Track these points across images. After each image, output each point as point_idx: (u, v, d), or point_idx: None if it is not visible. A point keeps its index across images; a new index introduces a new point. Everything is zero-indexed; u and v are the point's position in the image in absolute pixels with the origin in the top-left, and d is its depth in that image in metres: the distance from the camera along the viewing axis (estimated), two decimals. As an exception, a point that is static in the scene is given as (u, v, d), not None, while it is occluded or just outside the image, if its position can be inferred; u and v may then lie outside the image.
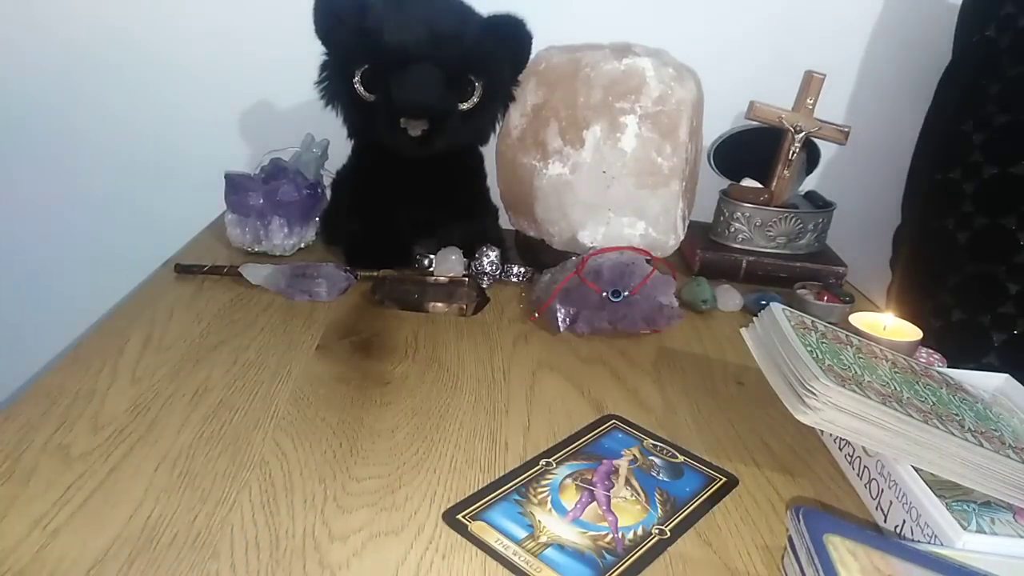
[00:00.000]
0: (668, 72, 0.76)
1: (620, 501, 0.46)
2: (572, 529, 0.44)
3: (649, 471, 0.50)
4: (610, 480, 0.48)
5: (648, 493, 0.47)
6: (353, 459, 0.49)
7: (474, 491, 0.47)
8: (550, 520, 0.44)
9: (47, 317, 1.11)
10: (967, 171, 0.83)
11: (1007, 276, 0.80)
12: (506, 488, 0.47)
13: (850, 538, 0.37)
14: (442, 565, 0.40)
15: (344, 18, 0.72)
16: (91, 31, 0.96)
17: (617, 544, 0.43)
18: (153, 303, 0.69)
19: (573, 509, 0.45)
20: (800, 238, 0.91)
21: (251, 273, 0.74)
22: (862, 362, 0.53)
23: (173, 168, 1.04)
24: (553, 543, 0.42)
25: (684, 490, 0.48)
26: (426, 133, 0.71)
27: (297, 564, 0.39)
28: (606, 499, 0.46)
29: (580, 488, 0.47)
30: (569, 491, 0.47)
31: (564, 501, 0.46)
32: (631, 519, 0.45)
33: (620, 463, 0.50)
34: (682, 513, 0.46)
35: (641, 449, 0.53)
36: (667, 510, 0.46)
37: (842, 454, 0.54)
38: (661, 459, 0.52)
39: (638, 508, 0.46)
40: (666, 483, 0.49)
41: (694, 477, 0.50)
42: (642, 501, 0.47)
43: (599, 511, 0.45)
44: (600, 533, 0.43)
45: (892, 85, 1.01)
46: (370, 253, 0.80)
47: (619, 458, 0.51)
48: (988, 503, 0.46)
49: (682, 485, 0.49)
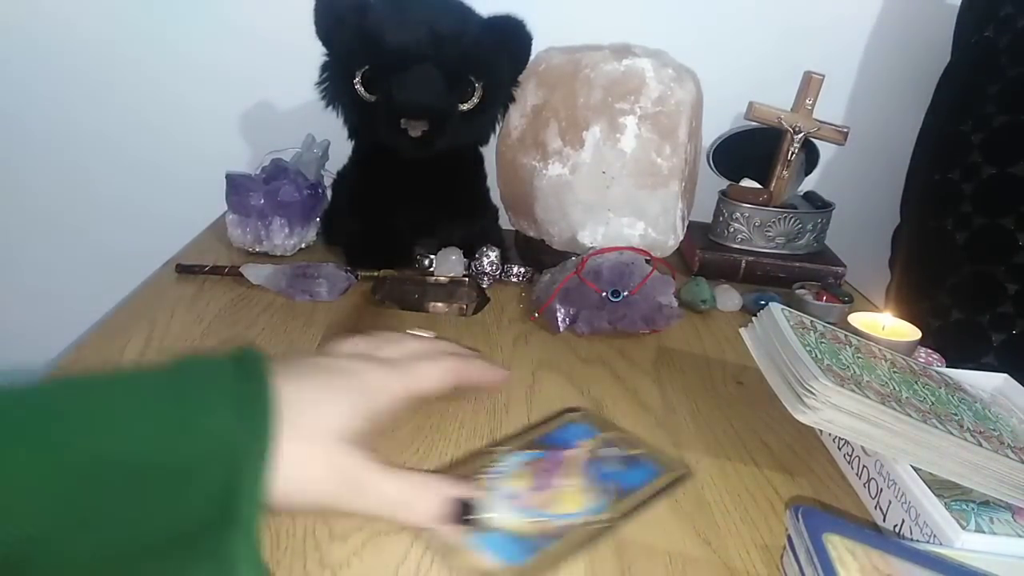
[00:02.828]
0: (668, 73, 0.76)
1: (566, 489, 0.46)
2: (512, 517, 0.43)
3: (601, 462, 0.49)
4: (559, 470, 0.48)
5: (597, 483, 0.47)
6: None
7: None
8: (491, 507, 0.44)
9: (48, 317, 1.11)
10: (966, 171, 0.83)
11: (1006, 276, 0.80)
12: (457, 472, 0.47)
13: (849, 537, 0.37)
14: (442, 564, 0.40)
15: (344, 18, 0.72)
16: (91, 31, 0.96)
17: (558, 528, 0.43)
18: (154, 303, 0.69)
19: (516, 497, 0.45)
20: (799, 238, 0.91)
21: (252, 273, 0.74)
22: (861, 362, 0.53)
23: (174, 168, 1.04)
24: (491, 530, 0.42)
25: (635, 480, 0.48)
26: (426, 134, 0.71)
27: (297, 563, 0.39)
28: (551, 488, 0.46)
29: (527, 476, 0.47)
30: (515, 479, 0.47)
31: (506, 488, 0.45)
32: (573, 506, 0.45)
33: (572, 454, 0.50)
34: (628, 501, 0.45)
35: (599, 441, 0.52)
36: (613, 499, 0.45)
37: (841, 454, 0.54)
38: (617, 452, 0.51)
39: (583, 497, 0.45)
40: (617, 473, 0.48)
41: (647, 469, 0.49)
42: (589, 490, 0.46)
43: (542, 497, 0.45)
44: (541, 520, 0.43)
45: (891, 85, 1.02)
46: (370, 253, 0.80)
47: (572, 449, 0.50)
48: (987, 503, 0.46)
49: (633, 476, 0.48)
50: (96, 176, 1.04)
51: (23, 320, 1.12)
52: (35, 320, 1.12)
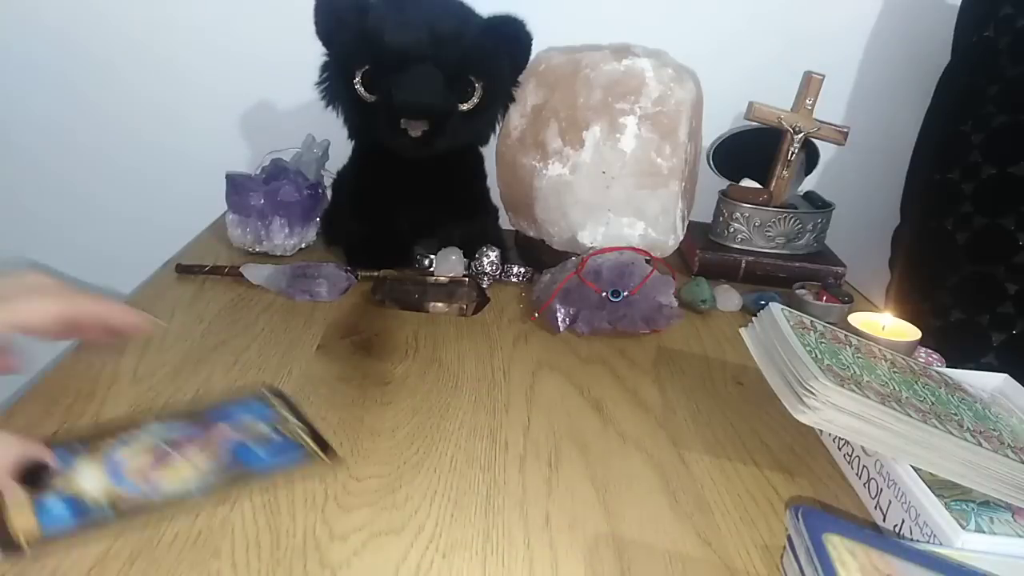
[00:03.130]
0: (668, 73, 0.76)
1: (181, 465, 0.45)
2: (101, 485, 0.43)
3: (249, 444, 0.48)
4: (194, 445, 0.47)
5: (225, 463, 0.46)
6: (353, 458, 0.49)
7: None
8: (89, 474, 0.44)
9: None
10: (966, 171, 0.83)
11: (1006, 276, 0.80)
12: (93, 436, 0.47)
13: (849, 537, 0.37)
14: (442, 564, 0.40)
15: (345, 19, 0.72)
16: (90, 32, 0.96)
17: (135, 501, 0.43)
18: (154, 303, 0.69)
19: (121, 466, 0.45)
20: (799, 238, 0.91)
21: (252, 273, 0.74)
22: (861, 362, 0.53)
23: (174, 169, 1.04)
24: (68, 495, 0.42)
25: (268, 466, 0.47)
26: (426, 134, 0.71)
27: (298, 563, 0.39)
28: (167, 462, 0.45)
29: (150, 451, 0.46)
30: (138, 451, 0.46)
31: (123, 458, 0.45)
32: (176, 483, 0.44)
33: (220, 431, 0.48)
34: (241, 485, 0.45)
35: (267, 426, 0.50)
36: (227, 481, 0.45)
37: (841, 453, 0.54)
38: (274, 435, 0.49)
39: (193, 475, 0.45)
40: (256, 458, 0.47)
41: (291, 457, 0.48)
42: (208, 470, 0.45)
43: (150, 472, 0.45)
44: (124, 490, 0.43)
45: (891, 85, 1.01)
46: (371, 253, 0.80)
47: (226, 425, 0.49)
48: (987, 502, 0.46)
49: (271, 462, 0.47)
50: (96, 176, 1.04)
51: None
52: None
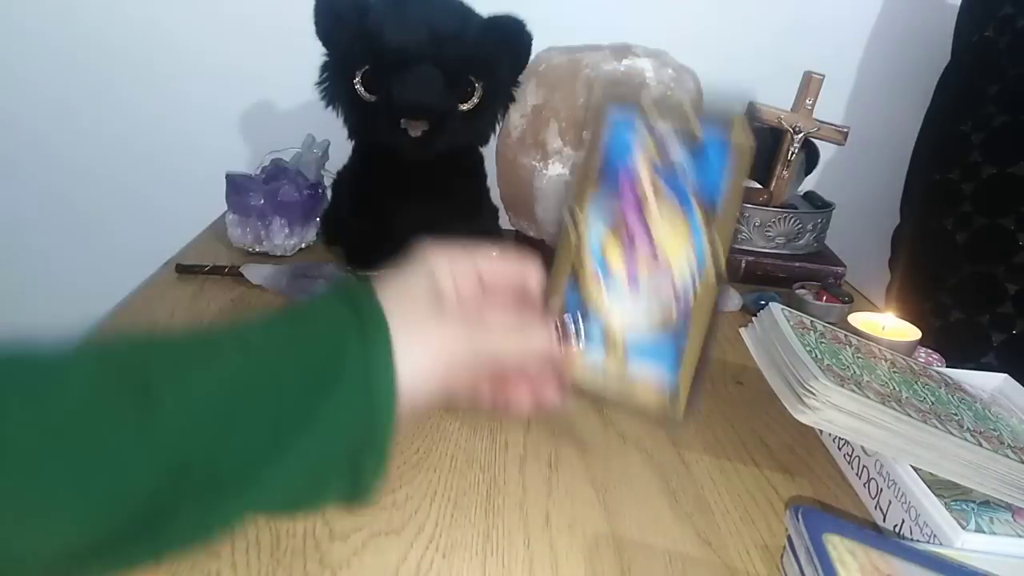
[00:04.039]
0: (668, 73, 0.76)
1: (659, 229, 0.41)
2: (635, 306, 0.41)
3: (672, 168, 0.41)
4: (638, 203, 0.42)
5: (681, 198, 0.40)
6: (354, 459, 0.49)
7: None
8: (614, 309, 0.42)
9: (48, 318, 1.11)
10: (966, 171, 0.83)
11: (1006, 276, 0.80)
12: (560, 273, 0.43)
13: (849, 537, 0.37)
14: (442, 565, 0.40)
15: (345, 18, 0.72)
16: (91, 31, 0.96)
17: (679, 298, 0.40)
18: (154, 303, 0.69)
19: (627, 278, 0.41)
20: (799, 238, 0.91)
21: (252, 273, 0.74)
22: (861, 362, 0.53)
23: (174, 169, 1.04)
24: (629, 345, 0.40)
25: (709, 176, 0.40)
26: (426, 134, 0.71)
27: (298, 563, 0.39)
28: (647, 239, 0.41)
29: (618, 237, 0.42)
30: (610, 248, 0.42)
31: (613, 269, 0.42)
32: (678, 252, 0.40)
33: (639, 171, 0.42)
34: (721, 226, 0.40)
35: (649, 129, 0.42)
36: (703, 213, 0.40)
37: (841, 453, 0.54)
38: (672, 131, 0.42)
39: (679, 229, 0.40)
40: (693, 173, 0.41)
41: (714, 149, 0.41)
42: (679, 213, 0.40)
43: (646, 257, 0.41)
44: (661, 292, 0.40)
45: (891, 85, 1.02)
46: (370, 253, 0.80)
47: (634, 161, 0.42)
48: (987, 502, 0.46)
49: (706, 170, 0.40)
50: (96, 177, 1.04)
51: (24, 321, 1.12)
52: (36, 321, 1.12)
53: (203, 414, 0.32)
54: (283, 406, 0.34)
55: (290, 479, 0.33)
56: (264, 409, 0.34)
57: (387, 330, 0.36)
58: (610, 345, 0.41)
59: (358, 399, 0.34)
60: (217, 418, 0.32)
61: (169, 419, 0.31)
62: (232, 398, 0.33)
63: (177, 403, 0.31)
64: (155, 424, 0.31)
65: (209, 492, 0.33)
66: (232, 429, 0.33)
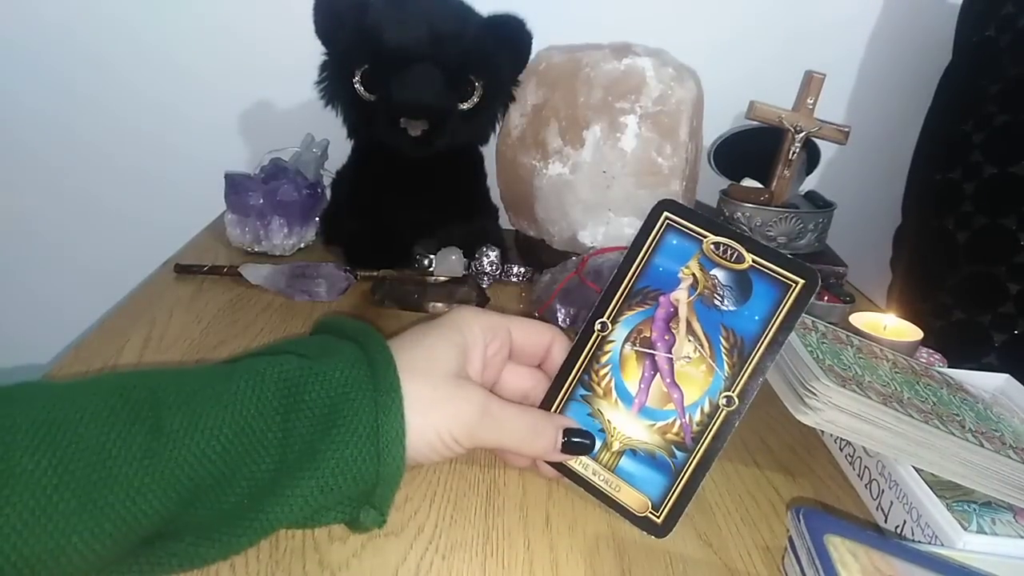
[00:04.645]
0: (668, 72, 0.76)
1: (683, 364, 0.43)
2: (640, 424, 0.43)
3: (712, 301, 0.42)
4: (670, 333, 0.43)
5: (712, 340, 0.42)
6: (353, 459, 0.49)
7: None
8: (618, 417, 0.44)
9: (47, 317, 1.11)
10: (967, 171, 0.83)
11: (1007, 276, 0.80)
12: (572, 378, 0.45)
13: (851, 538, 0.37)
14: (442, 565, 0.40)
15: (344, 18, 0.72)
16: (89, 31, 0.96)
17: (685, 433, 0.42)
18: (153, 303, 0.69)
19: (638, 393, 0.43)
20: (800, 238, 0.91)
21: (251, 273, 0.74)
22: (862, 362, 0.53)
23: (173, 168, 1.04)
24: (626, 449, 0.42)
25: (752, 320, 0.41)
26: (426, 133, 0.71)
27: (297, 564, 0.39)
28: (669, 368, 0.43)
29: (641, 357, 0.44)
30: (630, 364, 0.44)
31: (628, 383, 0.44)
32: (696, 390, 0.42)
33: (678, 297, 0.43)
34: (750, 364, 0.41)
35: (701, 260, 0.43)
36: (734, 362, 0.41)
37: (842, 454, 0.54)
38: (724, 270, 0.43)
39: (703, 370, 0.42)
40: (731, 315, 0.42)
41: (764, 291, 0.41)
42: (707, 355, 0.42)
43: (663, 387, 0.43)
44: (667, 422, 0.42)
45: (892, 85, 1.01)
46: (370, 253, 0.80)
47: (676, 287, 0.43)
48: (989, 503, 0.46)
49: (750, 312, 0.42)
50: (95, 176, 1.04)
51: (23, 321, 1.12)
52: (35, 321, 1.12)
53: (212, 444, 0.33)
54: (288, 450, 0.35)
55: (285, 512, 0.34)
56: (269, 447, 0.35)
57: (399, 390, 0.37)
58: (605, 447, 0.44)
59: (365, 449, 0.36)
60: (226, 450, 0.33)
61: (179, 447, 0.32)
62: (241, 437, 0.34)
63: (186, 431, 0.32)
64: (165, 451, 0.31)
65: (214, 518, 0.33)
66: (239, 462, 0.34)
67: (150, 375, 0.35)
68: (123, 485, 0.29)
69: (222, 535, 0.34)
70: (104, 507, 0.29)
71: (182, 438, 0.32)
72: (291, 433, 0.35)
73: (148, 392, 0.33)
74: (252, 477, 0.34)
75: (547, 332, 0.47)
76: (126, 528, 0.30)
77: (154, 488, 0.30)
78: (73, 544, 0.28)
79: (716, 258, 0.43)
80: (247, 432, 0.34)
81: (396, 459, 0.36)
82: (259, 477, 0.34)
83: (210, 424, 0.33)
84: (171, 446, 0.31)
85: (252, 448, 0.34)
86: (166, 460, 0.31)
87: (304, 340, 0.41)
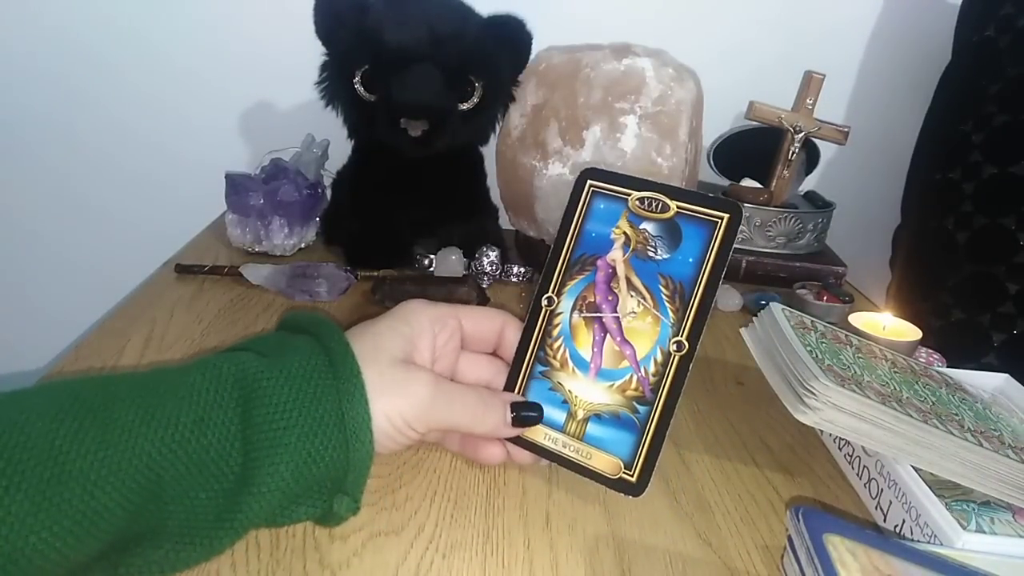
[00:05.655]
0: (668, 72, 0.76)
1: (630, 320, 0.43)
2: (599, 387, 0.43)
3: (646, 253, 0.44)
4: (613, 293, 0.44)
5: (653, 291, 0.43)
6: (353, 459, 0.49)
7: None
8: (578, 385, 0.44)
9: (47, 317, 1.11)
10: (967, 171, 0.83)
11: (1007, 276, 0.80)
12: (528, 357, 0.46)
13: (850, 538, 0.37)
14: (442, 565, 0.40)
15: (344, 18, 0.72)
16: (89, 31, 0.96)
17: (643, 386, 0.42)
18: (153, 303, 0.69)
19: (593, 357, 0.44)
20: (800, 238, 0.91)
21: (251, 273, 0.74)
22: (862, 362, 0.53)
23: (173, 168, 1.04)
24: (590, 415, 0.42)
25: (687, 263, 0.43)
26: (426, 133, 0.71)
27: (297, 563, 0.39)
28: (617, 326, 0.43)
29: (589, 322, 0.44)
30: (581, 332, 0.44)
31: (581, 350, 0.44)
32: (646, 342, 0.43)
33: (615, 257, 0.44)
34: (692, 306, 0.42)
35: (629, 217, 0.45)
36: (677, 308, 0.42)
37: (842, 454, 0.54)
38: (652, 222, 0.44)
39: (649, 321, 0.43)
40: (666, 263, 0.43)
41: (693, 233, 0.43)
42: (650, 307, 0.43)
43: (615, 347, 0.44)
44: (625, 380, 0.43)
45: (892, 85, 1.01)
46: (370, 253, 0.80)
47: (611, 248, 0.45)
48: (988, 503, 0.46)
49: (683, 256, 0.43)
50: (95, 176, 1.04)
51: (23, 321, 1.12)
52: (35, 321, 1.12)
53: (170, 433, 0.32)
54: (252, 442, 0.34)
55: (261, 506, 0.34)
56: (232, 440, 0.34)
57: (360, 376, 0.37)
58: (570, 417, 0.44)
59: (333, 435, 0.36)
60: (186, 439, 0.33)
61: (135, 436, 0.31)
62: (201, 427, 0.33)
63: (142, 421, 0.32)
64: (120, 442, 0.31)
65: (189, 517, 0.33)
66: (201, 454, 0.33)
67: (102, 377, 0.34)
68: (78, 480, 0.29)
69: (201, 535, 0.33)
70: (61, 504, 0.28)
71: (138, 427, 0.31)
72: (253, 425, 0.34)
73: (99, 389, 0.32)
74: (219, 471, 0.33)
75: (497, 317, 0.47)
76: (88, 524, 0.29)
77: (112, 480, 0.29)
78: (32, 545, 0.27)
79: (643, 212, 0.44)
80: (206, 423, 0.33)
81: (365, 444, 0.36)
82: (226, 471, 0.34)
83: (166, 415, 0.32)
84: (126, 436, 0.30)
85: (214, 439, 0.33)
86: (122, 451, 0.30)
87: (260, 338, 0.41)
